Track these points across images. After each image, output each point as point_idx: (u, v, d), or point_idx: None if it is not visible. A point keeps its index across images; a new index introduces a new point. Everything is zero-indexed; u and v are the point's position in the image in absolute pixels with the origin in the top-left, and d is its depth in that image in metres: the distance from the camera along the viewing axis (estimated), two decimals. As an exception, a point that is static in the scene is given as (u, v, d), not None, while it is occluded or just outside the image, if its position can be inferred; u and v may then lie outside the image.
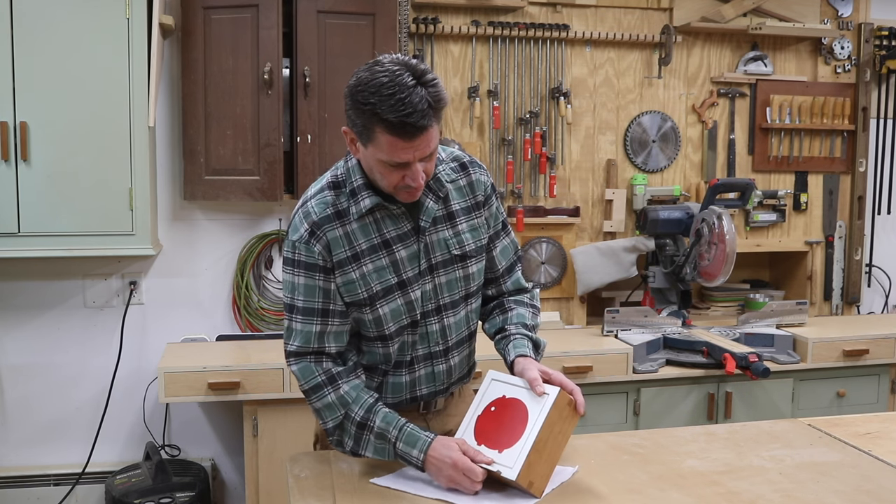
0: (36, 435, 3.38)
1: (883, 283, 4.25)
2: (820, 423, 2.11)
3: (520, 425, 1.66)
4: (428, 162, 1.68)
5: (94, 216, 3.05)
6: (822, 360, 3.41)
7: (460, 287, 1.85)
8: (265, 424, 3.00)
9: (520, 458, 1.61)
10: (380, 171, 1.67)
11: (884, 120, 4.13)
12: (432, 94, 1.60)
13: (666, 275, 3.70)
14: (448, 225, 1.82)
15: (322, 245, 1.73)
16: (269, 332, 3.49)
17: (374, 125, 1.60)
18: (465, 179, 1.87)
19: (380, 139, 1.61)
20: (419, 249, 1.79)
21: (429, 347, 1.85)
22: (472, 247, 1.85)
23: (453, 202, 1.84)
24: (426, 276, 1.80)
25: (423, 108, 1.58)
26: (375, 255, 1.75)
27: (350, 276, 1.75)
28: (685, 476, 1.76)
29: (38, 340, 3.36)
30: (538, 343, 1.91)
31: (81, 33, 2.99)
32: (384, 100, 1.57)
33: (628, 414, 3.26)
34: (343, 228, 1.74)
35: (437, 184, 1.79)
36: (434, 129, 1.63)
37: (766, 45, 3.97)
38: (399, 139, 1.60)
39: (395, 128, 1.58)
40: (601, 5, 3.74)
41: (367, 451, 1.76)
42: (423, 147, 1.63)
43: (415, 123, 1.57)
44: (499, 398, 1.75)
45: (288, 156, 3.36)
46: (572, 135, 3.78)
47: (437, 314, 1.84)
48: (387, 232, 1.76)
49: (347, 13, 3.30)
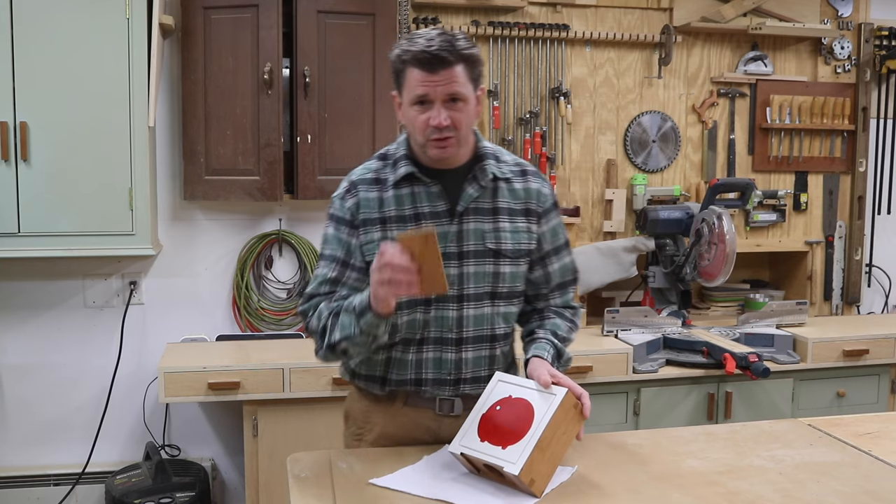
0: (36, 435, 3.38)
1: (883, 283, 4.25)
2: (820, 423, 2.11)
3: (525, 423, 1.66)
4: (454, 110, 1.74)
5: (94, 216, 3.05)
6: (822, 360, 3.41)
7: (487, 282, 1.86)
8: (265, 424, 3.00)
9: (523, 455, 1.61)
10: (410, 117, 1.77)
11: (884, 120, 4.13)
12: (463, 45, 1.73)
13: (666, 275, 3.70)
14: (490, 219, 1.86)
15: (353, 202, 1.85)
16: (269, 332, 3.49)
17: (404, 67, 1.74)
18: (522, 184, 1.90)
19: (408, 78, 1.74)
20: (450, 232, 1.82)
21: (441, 332, 1.86)
22: (508, 246, 1.86)
23: (501, 199, 1.87)
24: (452, 261, 1.83)
25: (448, 47, 1.70)
26: (402, 224, 1.82)
27: (371, 236, 1.83)
28: (685, 476, 1.76)
29: (38, 340, 3.36)
30: (562, 353, 1.91)
31: (81, 33, 2.99)
32: (412, 43, 1.73)
33: (628, 414, 3.26)
34: (378, 193, 1.85)
35: (482, 173, 1.84)
36: (459, 73, 1.72)
37: (766, 45, 3.97)
38: (421, 71, 1.71)
39: (418, 60, 1.71)
40: (601, 5, 3.74)
41: (336, 334, 1.77)
42: (446, 83, 1.71)
43: (435, 54, 1.69)
44: (505, 398, 1.75)
45: (288, 156, 3.36)
46: (572, 135, 3.78)
47: (456, 301, 1.85)
48: (420, 206, 1.83)
49: (347, 13, 3.30)
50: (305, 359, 3.02)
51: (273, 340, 3.39)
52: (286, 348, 3.22)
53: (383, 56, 3.37)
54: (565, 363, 1.93)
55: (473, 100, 1.78)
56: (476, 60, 1.76)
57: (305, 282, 3.52)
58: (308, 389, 2.98)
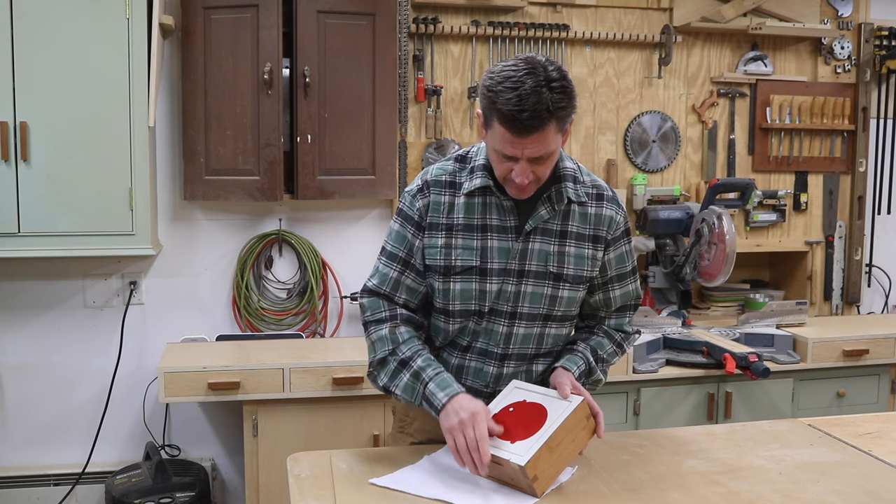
0: (36, 435, 3.38)
1: (883, 283, 4.25)
2: (820, 423, 2.11)
3: (536, 423, 1.66)
4: (539, 165, 1.69)
5: (94, 216, 3.05)
6: (822, 360, 3.41)
7: (543, 304, 1.84)
8: (265, 424, 3.00)
9: (531, 449, 1.61)
10: (493, 158, 1.74)
11: (884, 120, 4.13)
12: (555, 99, 1.60)
13: (666, 275, 3.70)
14: (557, 241, 1.83)
15: (423, 203, 1.83)
16: (269, 332, 3.49)
17: (493, 114, 1.65)
18: (595, 210, 1.86)
19: (495, 128, 1.66)
20: (514, 249, 1.80)
21: (487, 345, 1.87)
22: (570, 271, 1.84)
23: (572, 223, 1.84)
24: (511, 278, 1.81)
25: (540, 109, 1.59)
26: (469, 234, 1.81)
27: (435, 241, 1.82)
28: (685, 476, 1.76)
29: (38, 340, 3.36)
30: (593, 371, 1.89)
31: (81, 33, 2.99)
32: (503, 92, 1.61)
33: (628, 414, 3.26)
34: (450, 198, 1.82)
35: (558, 196, 1.80)
36: (549, 133, 1.64)
37: (766, 45, 3.97)
38: (509, 132, 1.64)
39: (507, 120, 1.62)
40: (601, 5, 3.74)
41: (397, 389, 1.81)
42: (534, 147, 1.65)
43: (525, 121, 1.60)
44: (519, 401, 1.75)
45: (288, 156, 3.36)
46: (572, 135, 3.78)
47: (509, 318, 1.84)
48: (489, 218, 1.81)
49: (347, 13, 3.30)
50: (305, 359, 3.03)
51: (273, 340, 3.39)
52: (286, 348, 3.22)
53: (383, 56, 3.37)
54: (593, 383, 1.91)
55: (560, 146, 1.71)
56: (568, 110, 1.65)
57: (305, 282, 3.52)
58: (308, 389, 2.98)
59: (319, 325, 3.54)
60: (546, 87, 1.60)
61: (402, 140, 3.56)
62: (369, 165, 3.40)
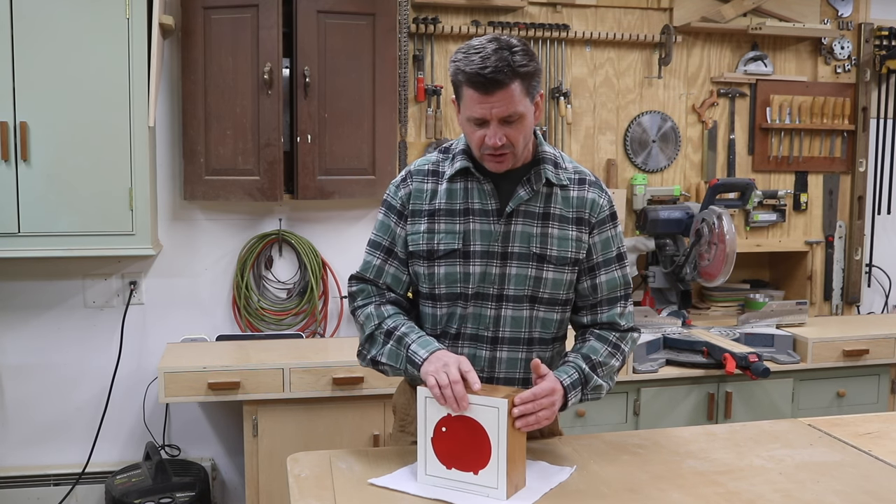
0: (36, 435, 3.38)
1: (883, 283, 4.25)
2: (820, 423, 2.11)
3: (483, 444, 1.64)
4: (510, 127, 1.74)
5: (94, 216, 3.05)
6: (822, 360, 3.41)
7: (528, 286, 1.85)
8: (265, 424, 3.00)
9: (501, 478, 1.62)
10: (467, 131, 1.79)
11: (884, 120, 4.13)
12: (517, 60, 1.70)
13: (666, 275, 3.70)
14: (539, 223, 1.85)
15: (406, 192, 1.89)
16: (269, 332, 3.49)
17: (460, 82, 1.74)
18: (578, 192, 1.89)
19: (464, 94, 1.74)
20: (496, 231, 1.84)
21: (477, 329, 1.88)
22: (553, 253, 1.85)
23: (554, 206, 1.86)
24: (495, 260, 1.84)
25: (502, 65, 1.68)
26: (451, 218, 1.85)
27: (418, 227, 1.87)
28: (685, 476, 1.76)
29: (38, 340, 3.36)
30: (589, 378, 1.83)
31: (81, 33, 2.99)
32: (467, 56, 1.71)
33: (628, 414, 3.26)
34: (432, 185, 1.88)
35: (537, 177, 1.85)
36: (514, 92, 1.71)
37: (766, 45, 3.97)
38: (476, 92, 1.71)
39: (472, 80, 1.70)
40: (601, 5, 3.74)
41: (382, 356, 1.84)
42: (501, 106, 1.71)
43: (489, 76, 1.67)
44: (444, 417, 1.68)
45: (288, 156, 3.36)
46: (572, 135, 3.78)
47: (496, 301, 1.86)
48: (471, 202, 1.85)
49: (347, 13, 3.30)
50: (305, 359, 3.03)
51: (273, 340, 3.39)
52: (286, 348, 3.22)
53: (383, 56, 3.37)
54: (594, 390, 1.85)
55: (531, 113, 1.77)
56: (532, 74, 1.74)
57: (305, 282, 3.52)
58: (308, 389, 2.98)
59: (319, 325, 3.54)
60: (507, 50, 1.70)
61: (402, 140, 3.56)
62: (369, 165, 3.40)
